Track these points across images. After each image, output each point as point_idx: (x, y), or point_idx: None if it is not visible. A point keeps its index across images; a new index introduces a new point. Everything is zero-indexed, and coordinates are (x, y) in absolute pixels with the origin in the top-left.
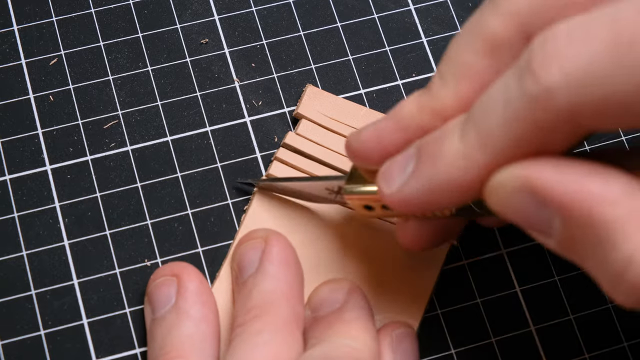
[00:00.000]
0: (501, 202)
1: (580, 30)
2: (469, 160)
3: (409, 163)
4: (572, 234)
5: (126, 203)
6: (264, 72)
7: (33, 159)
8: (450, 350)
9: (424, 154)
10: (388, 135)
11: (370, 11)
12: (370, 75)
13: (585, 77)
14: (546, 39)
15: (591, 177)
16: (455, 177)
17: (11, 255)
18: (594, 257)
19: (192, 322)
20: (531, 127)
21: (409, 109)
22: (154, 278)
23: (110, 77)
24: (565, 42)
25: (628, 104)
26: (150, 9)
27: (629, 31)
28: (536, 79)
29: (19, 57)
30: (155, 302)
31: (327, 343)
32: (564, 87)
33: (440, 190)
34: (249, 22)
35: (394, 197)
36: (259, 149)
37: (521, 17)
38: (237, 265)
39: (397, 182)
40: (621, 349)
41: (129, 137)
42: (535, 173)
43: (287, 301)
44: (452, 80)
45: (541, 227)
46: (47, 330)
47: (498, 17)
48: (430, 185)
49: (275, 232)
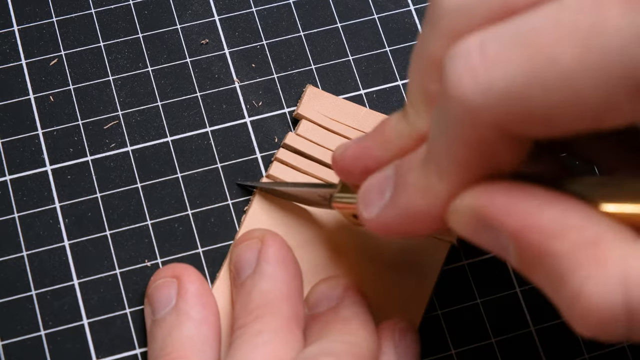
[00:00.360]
0: (459, 228)
1: (494, 43)
2: (432, 191)
3: (387, 188)
4: (526, 261)
5: (126, 203)
6: (264, 73)
7: (33, 159)
8: (450, 350)
9: (399, 181)
10: (371, 154)
11: (370, 12)
12: (370, 75)
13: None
14: (456, 54)
15: (543, 207)
16: (425, 208)
17: (11, 256)
18: (547, 285)
19: (192, 323)
20: (467, 148)
21: (390, 132)
22: (154, 279)
23: (111, 78)
24: (478, 56)
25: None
26: (150, 10)
27: (546, 47)
28: (452, 99)
29: (19, 58)
30: (155, 303)
31: (325, 341)
32: (482, 103)
33: (414, 220)
34: (249, 22)
35: (373, 224)
36: (259, 150)
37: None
38: (234, 266)
39: (376, 208)
40: (621, 349)
41: (129, 137)
42: (485, 201)
43: (287, 301)
44: (422, 108)
45: (499, 251)
46: (47, 330)
47: (439, 40)
48: (405, 214)
49: (271, 232)
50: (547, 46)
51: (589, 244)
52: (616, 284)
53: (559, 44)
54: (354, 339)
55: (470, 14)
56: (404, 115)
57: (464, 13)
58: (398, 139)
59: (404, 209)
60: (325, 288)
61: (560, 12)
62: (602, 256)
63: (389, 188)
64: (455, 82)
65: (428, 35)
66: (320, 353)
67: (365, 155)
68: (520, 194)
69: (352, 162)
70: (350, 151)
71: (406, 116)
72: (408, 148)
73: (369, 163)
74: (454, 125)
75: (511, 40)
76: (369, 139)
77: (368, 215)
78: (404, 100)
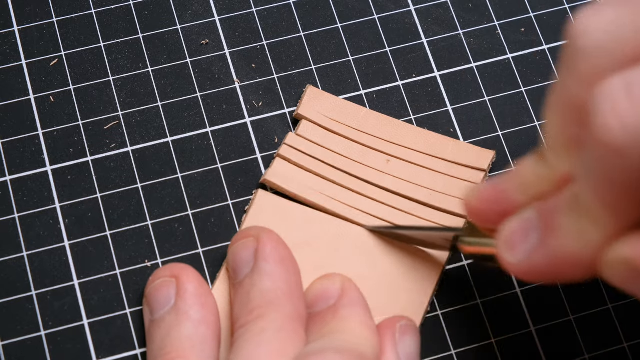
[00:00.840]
0: (613, 277)
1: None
2: (585, 236)
3: (532, 232)
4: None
5: (127, 204)
6: (264, 73)
7: (33, 159)
8: (450, 350)
9: (547, 225)
10: (508, 197)
11: (370, 12)
12: (370, 76)
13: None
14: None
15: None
16: (577, 252)
17: (12, 256)
18: None
19: (191, 323)
20: (619, 192)
21: (528, 175)
22: (153, 279)
23: (111, 78)
24: (623, 98)
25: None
26: (150, 10)
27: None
28: (601, 143)
29: (20, 58)
30: (154, 303)
31: (325, 339)
32: (631, 145)
33: (565, 265)
34: (250, 22)
35: (519, 268)
36: (260, 150)
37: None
38: (231, 265)
39: (521, 252)
40: (621, 349)
41: (130, 137)
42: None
43: (288, 299)
44: (563, 152)
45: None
46: (47, 330)
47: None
48: (556, 258)
49: (267, 230)
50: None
51: None
52: None
53: None
54: (354, 338)
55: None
56: (542, 159)
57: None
58: (537, 183)
59: (554, 253)
60: (323, 286)
61: None
62: None
63: (535, 232)
64: (601, 126)
65: (566, 78)
66: (323, 350)
67: (502, 199)
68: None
69: (487, 205)
70: (484, 194)
71: (545, 160)
72: (547, 192)
73: (505, 207)
74: (601, 168)
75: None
76: (506, 182)
77: (513, 260)
78: (404, 101)
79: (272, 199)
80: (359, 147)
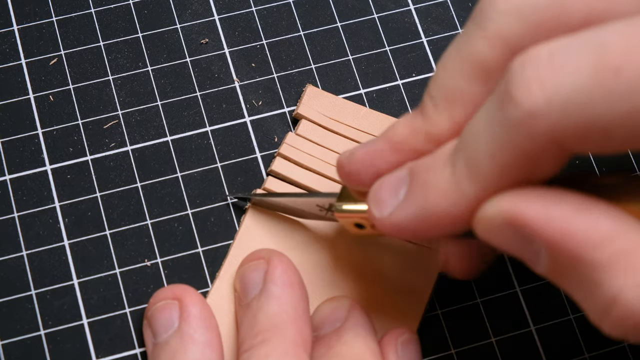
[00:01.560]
0: (488, 234)
1: (563, 53)
2: (458, 192)
3: (401, 188)
4: (559, 268)
5: (126, 203)
6: (264, 72)
7: (33, 159)
8: (450, 350)
9: (416, 181)
10: (381, 157)
11: (370, 11)
12: (370, 75)
13: (567, 102)
14: (526, 61)
15: (578, 215)
16: (446, 208)
17: (11, 255)
18: (580, 291)
19: (197, 347)
20: (516, 154)
21: (402, 131)
22: (154, 301)
23: (110, 77)
24: (547, 65)
25: (611, 130)
26: (150, 9)
27: (615, 58)
28: (516, 104)
29: (19, 57)
30: (156, 326)
31: None
32: (546, 111)
33: (432, 220)
34: (249, 22)
35: (385, 222)
36: (259, 149)
37: (511, 41)
38: (240, 286)
39: (389, 207)
40: (621, 349)
41: (129, 137)
42: (521, 208)
43: (294, 324)
44: (445, 106)
45: (529, 258)
46: (47, 330)
47: (486, 41)
48: (422, 214)
49: (277, 253)
50: (613, 58)
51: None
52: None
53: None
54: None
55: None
56: (421, 111)
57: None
58: (412, 138)
59: (421, 208)
60: (329, 309)
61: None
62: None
63: (404, 188)
64: (521, 87)
65: (474, 34)
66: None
67: (376, 159)
68: (556, 200)
69: (361, 166)
70: (358, 155)
71: (423, 112)
72: (423, 151)
73: (380, 167)
74: (508, 130)
75: (579, 52)
76: (378, 142)
77: (380, 214)
78: (404, 100)
79: (264, 213)
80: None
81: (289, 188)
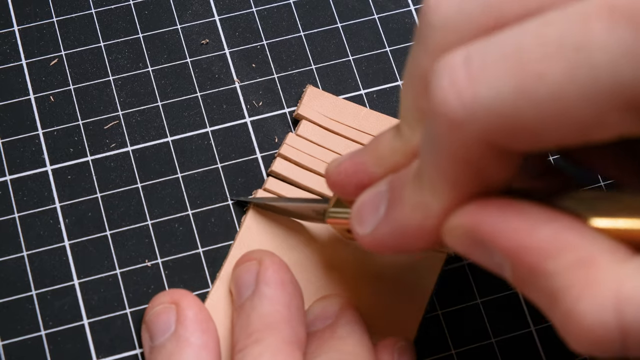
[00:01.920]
0: (454, 245)
1: (478, 58)
2: (425, 207)
3: (381, 204)
4: (521, 278)
5: (127, 203)
6: (264, 73)
7: (33, 159)
8: (450, 350)
9: (393, 197)
10: (365, 170)
11: (370, 12)
12: (370, 75)
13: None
14: (440, 69)
15: (536, 226)
16: (419, 223)
17: (12, 256)
18: (542, 302)
19: (192, 349)
20: (456, 163)
21: (384, 148)
22: (152, 306)
23: (111, 78)
24: (462, 73)
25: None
26: (150, 10)
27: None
28: (438, 115)
29: (20, 58)
30: (154, 329)
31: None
32: (469, 120)
33: (409, 235)
34: (250, 22)
35: (367, 240)
36: (260, 150)
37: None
38: (234, 288)
39: (369, 224)
40: None
41: (130, 137)
42: (479, 219)
43: (287, 323)
44: (415, 125)
45: (494, 268)
46: (47, 330)
47: (429, 57)
48: (400, 230)
49: (269, 253)
50: (533, 62)
51: (583, 263)
52: (609, 304)
53: (546, 60)
54: (351, 357)
55: (457, 30)
56: (398, 131)
57: (452, 29)
58: (392, 155)
59: (398, 225)
60: (322, 306)
61: (546, 26)
62: (595, 276)
63: (383, 204)
64: (439, 98)
65: (417, 52)
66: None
67: (359, 171)
68: (514, 211)
69: (346, 177)
70: (343, 166)
71: (399, 132)
72: (402, 164)
73: (363, 179)
74: (441, 141)
75: (496, 55)
76: (363, 154)
77: (362, 232)
78: None
79: (264, 215)
80: (359, 147)
81: (289, 188)
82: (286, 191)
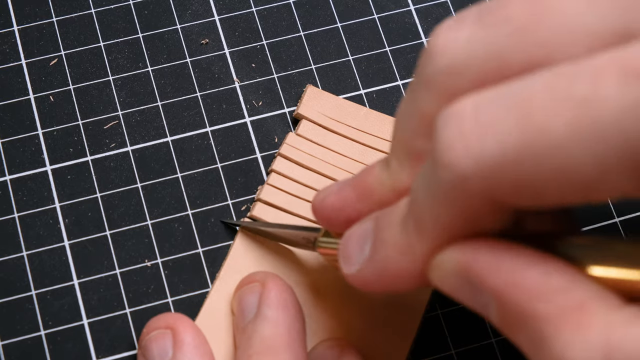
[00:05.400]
0: (441, 284)
1: (487, 108)
2: (411, 250)
3: (366, 243)
4: (508, 320)
5: (126, 203)
6: (264, 73)
7: (33, 159)
8: (450, 350)
9: (377, 237)
10: (351, 205)
11: (370, 11)
12: (370, 75)
13: (494, 164)
14: (448, 119)
15: (527, 267)
16: (404, 266)
17: (11, 256)
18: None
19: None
20: (455, 213)
21: (371, 182)
22: (147, 331)
23: (111, 78)
24: (471, 123)
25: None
26: (150, 10)
27: (539, 115)
28: (444, 166)
29: (19, 58)
30: (150, 356)
31: None
32: (475, 173)
33: (394, 276)
34: (249, 22)
35: (354, 279)
36: (259, 150)
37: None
38: (237, 310)
39: (355, 264)
40: None
41: (129, 137)
42: (470, 258)
43: (288, 346)
44: (406, 162)
45: (480, 308)
46: (47, 330)
47: (431, 98)
48: (384, 270)
49: (273, 275)
50: (539, 114)
51: (574, 309)
52: (598, 351)
53: (552, 113)
54: None
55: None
56: (387, 166)
57: (459, 72)
58: (379, 190)
59: (381, 266)
60: (323, 349)
61: (556, 79)
62: (586, 322)
63: (369, 243)
64: (446, 148)
65: (419, 91)
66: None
67: (346, 207)
68: (505, 252)
69: (332, 212)
70: (329, 201)
71: (388, 166)
72: (388, 200)
73: (350, 214)
74: (441, 189)
75: (505, 107)
76: (349, 189)
77: (348, 271)
78: None
79: (253, 239)
80: (359, 147)
81: (276, 214)
82: (273, 217)
